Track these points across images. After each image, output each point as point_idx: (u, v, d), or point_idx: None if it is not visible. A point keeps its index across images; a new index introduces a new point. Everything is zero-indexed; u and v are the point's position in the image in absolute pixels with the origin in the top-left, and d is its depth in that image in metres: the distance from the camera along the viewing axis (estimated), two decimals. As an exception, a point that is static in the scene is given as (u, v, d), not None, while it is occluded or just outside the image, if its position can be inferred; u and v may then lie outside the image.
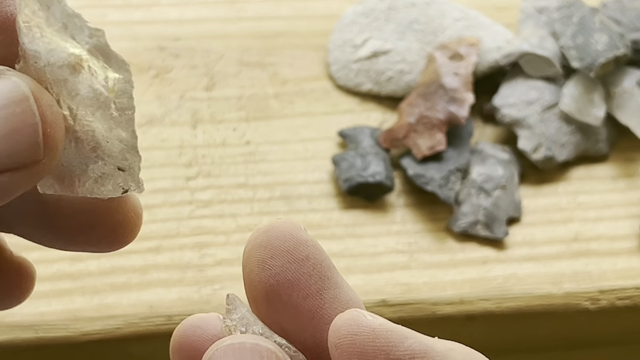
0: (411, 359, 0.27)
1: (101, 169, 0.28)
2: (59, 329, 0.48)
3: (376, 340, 0.27)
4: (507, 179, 0.55)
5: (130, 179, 0.29)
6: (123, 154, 0.28)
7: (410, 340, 0.27)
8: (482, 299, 0.51)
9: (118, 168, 0.28)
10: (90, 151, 0.28)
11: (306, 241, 0.29)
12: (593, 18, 0.58)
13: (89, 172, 0.28)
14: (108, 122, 0.28)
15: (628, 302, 0.51)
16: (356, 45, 0.60)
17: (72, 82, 0.28)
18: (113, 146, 0.28)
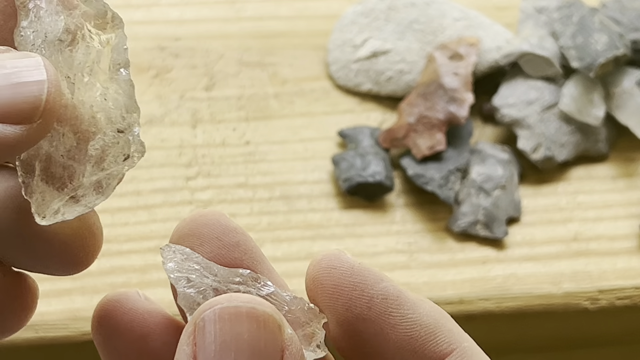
0: (384, 299, 0.27)
1: (100, 142, 0.28)
2: (59, 329, 0.48)
3: (353, 276, 0.27)
4: (506, 178, 0.55)
5: (130, 140, 0.28)
6: (120, 111, 0.28)
7: (386, 283, 0.28)
8: (481, 298, 0.51)
9: (117, 130, 0.28)
10: (87, 127, 0.28)
11: (235, 228, 0.29)
12: (593, 18, 0.58)
13: (89, 150, 0.28)
14: (104, 81, 0.28)
15: (627, 302, 0.51)
16: (356, 45, 0.60)
17: (68, 53, 0.28)
18: (111, 106, 0.28)
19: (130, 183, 0.54)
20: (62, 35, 0.28)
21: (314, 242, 0.53)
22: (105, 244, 0.31)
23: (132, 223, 0.52)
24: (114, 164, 0.28)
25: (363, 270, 0.28)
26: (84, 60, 0.28)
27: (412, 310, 0.28)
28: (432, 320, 0.28)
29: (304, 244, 0.52)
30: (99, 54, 0.28)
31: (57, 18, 0.28)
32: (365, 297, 0.27)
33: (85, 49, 0.28)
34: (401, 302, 0.28)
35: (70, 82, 0.28)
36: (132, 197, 0.53)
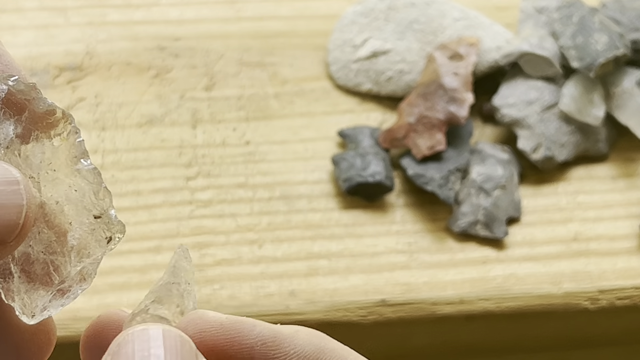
0: (263, 345, 0.27)
1: (79, 231, 0.28)
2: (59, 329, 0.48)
3: (226, 332, 0.28)
4: (506, 178, 0.55)
5: (108, 223, 0.29)
6: (92, 198, 0.29)
7: (259, 328, 0.28)
8: (481, 298, 0.51)
9: (94, 217, 0.29)
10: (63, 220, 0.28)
11: None
12: (593, 18, 0.58)
13: (69, 242, 0.28)
14: (70, 173, 0.29)
15: (628, 302, 0.51)
16: (356, 45, 0.60)
17: (25, 155, 0.28)
18: (80, 196, 0.28)
19: (130, 183, 0.54)
20: (16, 139, 0.28)
21: (314, 242, 0.53)
22: (105, 244, 0.31)
23: (132, 223, 0.52)
24: (98, 248, 0.29)
25: (234, 323, 0.28)
26: (43, 159, 0.28)
27: (291, 345, 0.28)
28: (313, 347, 0.28)
29: (304, 244, 0.52)
30: (56, 151, 0.29)
31: (7, 123, 0.28)
32: (244, 349, 0.28)
33: (40, 148, 0.29)
34: (279, 341, 0.28)
35: (35, 182, 0.28)
36: (132, 197, 0.53)
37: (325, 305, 0.50)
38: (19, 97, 0.29)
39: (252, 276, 0.51)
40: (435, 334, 0.51)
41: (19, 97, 0.29)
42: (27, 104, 0.29)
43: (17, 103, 0.29)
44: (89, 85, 0.58)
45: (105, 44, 0.60)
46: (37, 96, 0.29)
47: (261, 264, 0.51)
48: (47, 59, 0.59)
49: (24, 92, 0.29)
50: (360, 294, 0.51)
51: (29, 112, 0.29)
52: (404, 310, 0.50)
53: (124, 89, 0.58)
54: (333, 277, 0.51)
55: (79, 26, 0.61)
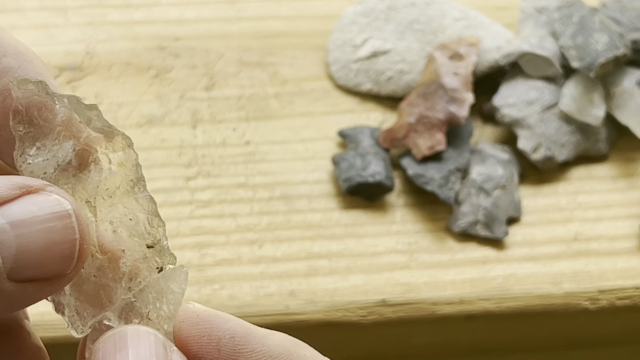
0: (231, 338, 0.28)
1: (131, 258, 0.28)
2: (59, 329, 0.48)
3: (200, 324, 0.28)
4: (507, 178, 0.55)
5: (160, 253, 0.29)
6: (146, 226, 0.29)
7: (233, 323, 0.28)
8: (482, 298, 0.51)
9: (147, 246, 0.29)
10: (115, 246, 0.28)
11: None
12: (593, 18, 0.58)
13: (121, 267, 0.28)
14: (125, 199, 0.29)
15: (628, 302, 0.51)
16: (356, 45, 0.60)
17: (83, 178, 0.28)
18: (134, 224, 0.28)
19: (130, 183, 0.54)
20: (73, 161, 0.28)
21: (314, 242, 0.53)
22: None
23: (132, 223, 0.52)
24: (148, 277, 0.29)
25: (209, 315, 0.28)
26: (100, 183, 0.28)
27: (260, 344, 0.28)
28: (283, 349, 0.28)
29: (304, 244, 0.52)
30: (113, 175, 0.29)
31: (66, 144, 0.28)
32: (213, 341, 0.28)
33: (98, 172, 0.28)
34: (249, 338, 0.28)
35: (91, 206, 0.28)
36: (132, 197, 0.53)
37: (325, 305, 0.50)
38: (79, 118, 0.28)
39: (252, 276, 0.51)
40: (435, 334, 0.51)
41: (79, 118, 0.28)
42: (87, 126, 0.28)
43: (76, 124, 0.28)
44: (89, 85, 0.58)
45: (105, 44, 0.60)
46: (97, 117, 0.29)
47: (261, 264, 0.51)
48: (47, 59, 0.59)
49: (84, 113, 0.28)
50: (360, 294, 0.51)
51: (88, 133, 0.28)
52: (404, 310, 0.50)
53: (124, 89, 0.58)
54: (333, 277, 0.51)
55: (79, 26, 0.61)
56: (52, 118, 0.28)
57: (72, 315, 0.28)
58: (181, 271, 0.29)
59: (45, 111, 0.28)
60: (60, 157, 0.28)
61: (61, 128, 0.28)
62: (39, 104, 0.28)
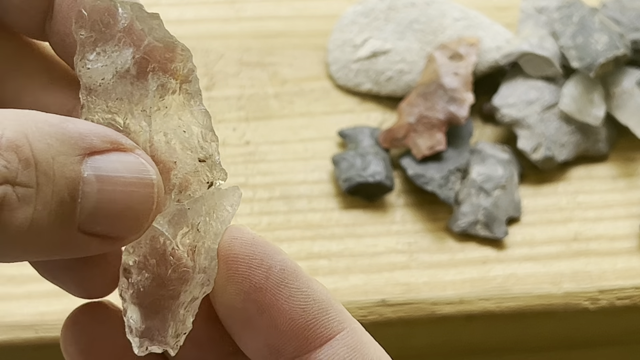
0: (282, 270, 0.28)
1: (182, 170, 0.28)
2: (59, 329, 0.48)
3: (254, 246, 0.28)
4: (506, 178, 0.55)
5: (211, 167, 0.29)
6: (199, 140, 0.29)
7: (284, 256, 0.29)
8: (482, 298, 0.51)
9: (199, 160, 0.29)
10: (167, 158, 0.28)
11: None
12: (593, 18, 0.58)
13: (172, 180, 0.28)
14: (181, 111, 0.28)
15: (628, 302, 0.51)
16: (356, 45, 0.60)
17: (140, 86, 0.28)
18: (188, 136, 0.28)
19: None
20: (132, 69, 0.28)
21: (314, 242, 0.53)
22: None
23: (132, 223, 0.52)
24: (198, 191, 0.28)
25: (263, 242, 0.29)
26: (157, 93, 0.28)
27: (307, 285, 0.28)
28: (325, 297, 0.28)
29: (304, 244, 0.52)
30: (171, 86, 0.28)
31: (126, 52, 0.28)
32: (263, 267, 0.28)
33: (156, 81, 0.28)
34: (298, 275, 0.28)
35: (146, 115, 0.28)
36: (132, 197, 0.53)
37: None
38: (141, 26, 0.28)
39: (252, 276, 0.51)
40: (435, 334, 0.51)
41: (141, 26, 0.28)
42: (148, 34, 0.28)
43: (138, 32, 0.28)
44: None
45: (105, 44, 0.60)
46: (159, 27, 0.28)
47: (261, 264, 0.51)
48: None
49: (146, 21, 0.28)
50: (360, 294, 0.51)
51: (148, 42, 0.28)
52: (404, 310, 0.50)
53: (124, 89, 0.58)
54: (333, 277, 0.51)
55: (79, 26, 0.61)
56: (113, 24, 0.28)
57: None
58: (235, 191, 0.29)
59: (108, 17, 0.28)
60: (119, 64, 0.28)
61: (122, 35, 0.28)
62: (101, 9, 0.28)
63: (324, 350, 0.28)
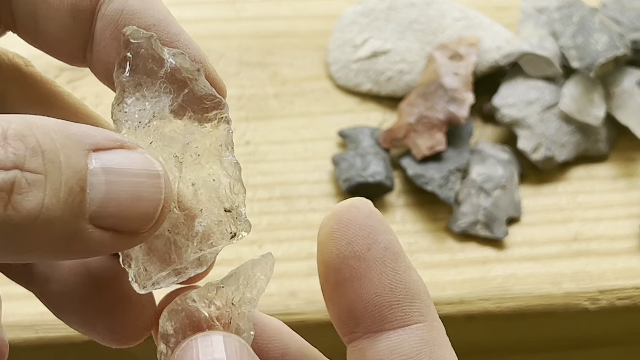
0: (385, 248, 0.29)
1: (207, 219, 0.28)
2: (59, 329, 0.48)
3: (367, 218, 0.29)
4: (507, 179, 0.55)
5: (236, 219, 0.29)
6: (226, 191, 0.29)
7: (392, 236, 0.29)
8: (482, 298, 0.51)
9: (224, 210, 0.29)
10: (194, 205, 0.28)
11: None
12: (593, 18, 0.58)
13: (196, 227, 0.28)
14: (212, 160, 0.29)
15: (628, 302, 0.51)
16: (356, 45, 0.60)
17: (175, 133, 0.28)
18: (217, 186, 0.29)
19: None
20: (169, 116, 0.28)
21: (314, 242, 0.52)
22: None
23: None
24: (220, 241, 0.29)
25: (379, 218, 0.29)
26: (191, 140, 0.29)
27: (403, 270, 0.29)
28: (417, 287, 0.29)
29: (304, 244, 0.52)
30: (204, 136, 0.29)
31: (165, 98, 0.29)
32: (369, 239, 0.29)
33: (190, 129, 0.29)
34: (398, 258, 0.29)
35: (178, 161, 0.28)
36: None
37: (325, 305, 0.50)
38: (183, 75, 0.29)
39: (252, 276, 0.51)
40: (435, 334, 0.51)
41: (183, 74, 0.29)
42: (188, 83, 0.29)
43: (179, 80, 0.29)
44: (89, 85, 0.58)
45: (105, 44, 0.60)
46: (199, 78, 0.29)
47: (261, 264, 0.51)
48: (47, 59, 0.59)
49: (188, 71, 0.29)
50: (360, 294, 0.51)
51: (188, 90, 0.29)
52: (404, 310, 0.50)
53: (124, 89, 0.58)
54: (333, 277, 0.51)
55: (79, 26, 0.61)
56: (157, 70, 0.29)
57: (138, 268, 0.28)
58: (269, 259, 0.30)
59: (152, 63, 0.29)
60: (157, 109, 0.29)
61: (164, 80, 0.29)
62: (147, 55, 0.29)
63: (397, 333, 0.28)
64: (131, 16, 0.29)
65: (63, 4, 0.30)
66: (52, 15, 0.30)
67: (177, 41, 0.30)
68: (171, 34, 0.30)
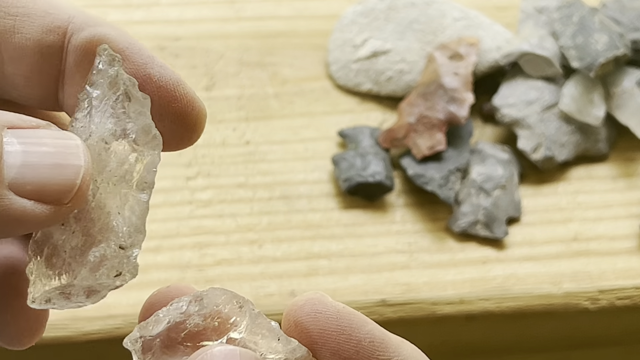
0: (371, 342, 0.28)
1: (102, 251, 0.28)
2: (59, 329, 0.48)
3: (340, 320, 0.28)
4: (506, 178, 0.55)
5: (126, 261, 0.29)
6: (129, 230, 0.29)
7: (371, 326, 0.28)
8: (482, 298, 0.51)
9: (120, 246, 0.29)
10: (97, 232, 0.28)
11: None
12: (593, 18, 0.58)
13: (89, 256, 0.28)
14: (127, 195, 0.29)
15: (628, 302, 0.51)
16: (356, 45, 0.60)
17: (105, 156, 0.28)
18: (122, 222, 0.28)
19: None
20: (106, 138, 0.28)
21: (314, 242, 0.53)
22: (105, 244, 0.31)
23: (132, 223, 0.52)
24: (105, 276, 0.28)
25: (349, 314, 0.28)
26: (115, 169, 0.28)
27: (396, 353, 0.28)
28: (410, 356, 0.28)
29: (304, 244, 0.52)
30: (131, 168, 0.29)
31: (106, 121, 0.28)
32: (353, 341, 0.28)
33: (120, 158, 0.28)
34: (387, 344, 0.28)
35: (95, 186, 0.28)
36: (132, 197, 0.53)
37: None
38: (131, 103, 0.29)
39: (252, 276, 0.51)
40: (435, 334, 0.51)
41: (131, 103, 0.29)
42: (132, 114, 0.29)
43: (126, 107, 0.29)
44: (89, 85, 0.58)
45: (105, 44, 0.60)
46: (146, 110, 0.29)
47: (261, 264, 0.51)
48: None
49: (138, 101, 0.29)
50: (360, 294, 0.51)
51: (130, 120, 0.29)
52: (404, 310, 0.50)
53: (124, 89, 0.58)
54: (333, 277, 0.51)
55: (79, 26, 0.61)
56: (110, 93, 0.29)
57: (35, 281, 0.28)
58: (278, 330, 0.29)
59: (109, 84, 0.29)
60: (94, 131, 0.28)
61: (113, 105, 0.29)
62: (107, 75, 0.28)
63: None
64: (103, 42, 0.29)
65: (29, 41, 0.29)
66: (19, 55, 0.29)
67: (152, 62, 0.29)
68: (144, 57, 0.29)
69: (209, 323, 0.29)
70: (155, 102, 0.29)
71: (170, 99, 0.29)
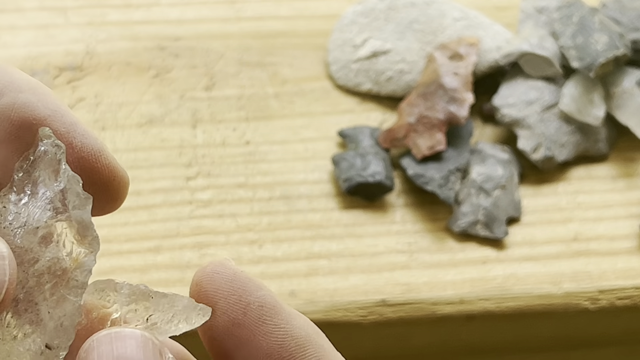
0: (260, 307, 0.28)
1: (27, 346, 0.28)
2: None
3: (234, 282, 0.28)
4: (506, 178, 0.55)
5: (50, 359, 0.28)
6: (57, 332, 0.28)
7: (264, 292, 0.28)
8: (482, 298, 0.51)
9: (46, 346, 0.28)
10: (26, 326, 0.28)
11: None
12: (593, 18, 0.58)
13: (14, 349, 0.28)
14: (57, 294, 0.28)
15: (628, 302, 0.51)
16: (356, 45, 0.60)
17: (37, 250, 0.28)
18: (51, 321, 0.28)
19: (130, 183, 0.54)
20: (40, 231, 0.28)
21: (314, 242, 0.53)
22: (105, 244, 0.31)
23: (132, 223, 0.52)
24: None
25: (244, 278, 0.28)
26: (47, 264, 0.28)
27: (285, 322, 0.28)
28: (304, 333, 0.28)
29: (304, 244, 0.52)
30: (64, 265, 0.28)
31: (43, 213, 0.28)
32: (242, 303, 0.28)
33: (53, 253, 0.28)
34: (276, 311, 0.28)
35: (25, 279, 0.28)
36: (132, 197, 0.53)
37: (325, 305, 0.50)
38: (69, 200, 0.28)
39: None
40: (435, 334, 0.51)
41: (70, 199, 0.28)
42: (69, 210, 0.28)
43: (63, 203, 0.28)
44: (88, 85, 0.58)
45: (105, 44, 0.60)
46: (85, 209, 0.28)
47: (261, 264, 0.51)
48: (47, 59, 0.59)
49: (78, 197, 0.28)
50: (360, 294, 0.51)
51: (66, 217, 0.28)
52: (404, 310, 0.50)
53: (124, 89, 0.58)
54: (333, 277, 0.51)
55: (78, 26, 0.61)
56: (49, 183, 0.28)
57: None
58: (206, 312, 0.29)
59: (48, 173, 0.28)
60: (29, 221, 0.28)
61: (50, 197, 0.28)
62: (48, 162, 0.28)
63: None
64: (24, 109, 0.28)
65: None
66: None
67: (74, 131, 0.28)
68: (67, 124, 0.28)
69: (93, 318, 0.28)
70: (77, 171, 0.28)
71: (92, 170, 0.28)
